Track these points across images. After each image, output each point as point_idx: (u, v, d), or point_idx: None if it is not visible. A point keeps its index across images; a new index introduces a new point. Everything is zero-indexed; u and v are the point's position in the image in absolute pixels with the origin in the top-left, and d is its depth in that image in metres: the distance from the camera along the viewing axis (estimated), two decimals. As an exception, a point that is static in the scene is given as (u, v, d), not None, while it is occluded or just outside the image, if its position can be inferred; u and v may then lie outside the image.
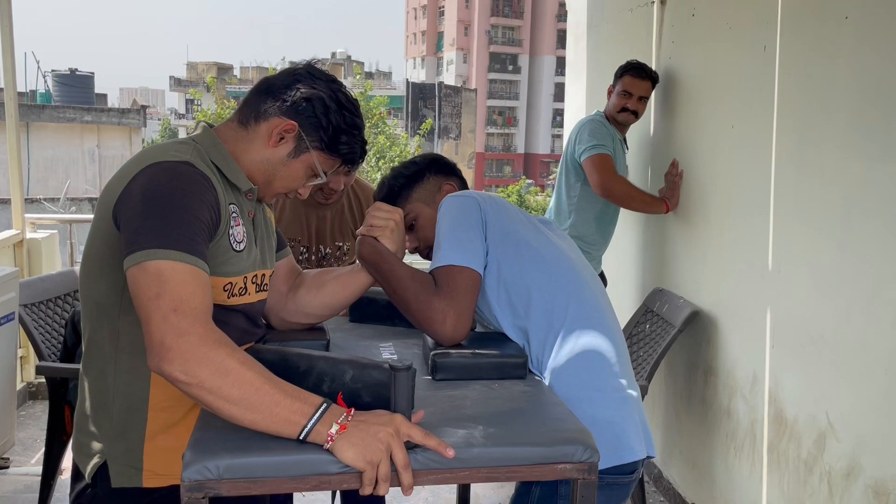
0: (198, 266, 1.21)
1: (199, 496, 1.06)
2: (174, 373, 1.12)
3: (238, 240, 1.38)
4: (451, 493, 3.08)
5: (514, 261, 1.53)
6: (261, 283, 1.48)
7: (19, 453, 3.44)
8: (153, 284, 1.16)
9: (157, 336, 1.13)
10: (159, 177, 1.26)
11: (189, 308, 1.15)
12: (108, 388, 1.36)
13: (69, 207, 14.40)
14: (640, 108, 3.24)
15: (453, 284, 1.47)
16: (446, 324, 1.45)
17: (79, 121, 18.99)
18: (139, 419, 1.35)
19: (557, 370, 1.47)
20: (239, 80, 41.20)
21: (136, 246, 1.19)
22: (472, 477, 1.15)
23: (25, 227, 4.18)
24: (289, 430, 1.11)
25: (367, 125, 1.57)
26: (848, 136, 2.08)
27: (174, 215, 1.22)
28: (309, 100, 1.38)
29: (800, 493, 2.28)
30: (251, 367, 1.14)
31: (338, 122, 1.39)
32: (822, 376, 2.19)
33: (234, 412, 1.12)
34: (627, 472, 1.46)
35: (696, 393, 3.00)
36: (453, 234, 1.52)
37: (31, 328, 2.87)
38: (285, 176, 1.43)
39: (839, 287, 2.11)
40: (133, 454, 1.35)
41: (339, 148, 1.41)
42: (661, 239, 3.35)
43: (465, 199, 1.58)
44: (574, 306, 1.52)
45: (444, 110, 33.17)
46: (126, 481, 1.35)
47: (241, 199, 1.42)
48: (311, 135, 1.39)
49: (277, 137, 1.39)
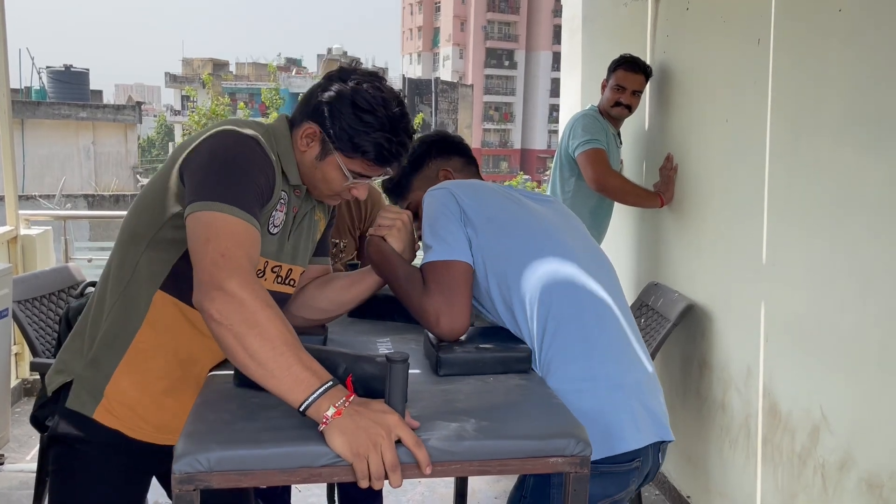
0: (249, 222, 1.27)
1: (191, 488, 1.06)
2: (211, 310, 1.17)
3: (276, 224, 1.45)
4: (447, 487, 3.09)
5: (497, 252, 1.50)
6: (285, 276, 1.52)
7: (14, 450, 3.43)
8: (205, 231, 1.24)
9: (204, 276, 1.20)
10: (227, 141, 1.35)
11: (234, 256, 1.22)
12: (104, 312, 1.44)
13: (65, 204, 14.37)
14: (634, 103, 3.23)
15: (441, 280, 1.46)
16: (440, 323, 1.44)
17: (74, 117, 18.95)
18: (117, 352, 1.42)
19: (546, 363, 1.45)
20: (235, 76, 41.09)
21: (196, 197, 1.28)
22: (464, 470, 1.15)
23: (19, 223, 4.17)
24: (292, 398, 1.13)
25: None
26: (841, 129, 2.09)
27: (234, 175, 1.31)
28: (329, 103, 1.42)
29: (794, 486, 2.29)
30: (278, 325, 1.17)
31: (352, 122, 1.40)
32: (816, 369, 2.20)
33: (248, 363, 1.15)
34: (624, 461, 1.43)
35: (691, 386, 3.01)
36: (434, 230, 1.50)
37: (26, 325, 2.86)
38: (321, 179, 1.46)
39: (832, 280, 2.12)
40: (97, 383, 1.42)
41: (358, 147, 1.42)
42: (656, 233, 3.36)
43: (441, 192, 1.56)
44: (559, 294, 1.47)
45: (440, 106, 33.12)
46: (79, 406, 1.42)
47: (291, 192, 1.47)
48: (331, 136, 1.42)
49: (306, 142, 1.44)
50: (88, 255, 5.60)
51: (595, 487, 1.39)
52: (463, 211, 1.52)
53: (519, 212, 1.57)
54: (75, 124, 18.98)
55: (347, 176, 1.44)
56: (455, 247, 1.48)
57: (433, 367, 1.44)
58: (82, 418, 1.42)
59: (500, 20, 58.37)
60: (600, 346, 1.47)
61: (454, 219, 1.51)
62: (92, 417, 1.42)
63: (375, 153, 1.42)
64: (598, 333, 1.48)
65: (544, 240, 1.54)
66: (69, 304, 2.83)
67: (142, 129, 21.89)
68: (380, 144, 1.41)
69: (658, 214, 3.29)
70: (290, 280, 1.53)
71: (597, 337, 1.48)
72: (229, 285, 1.18)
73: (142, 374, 1.43)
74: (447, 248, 1.48)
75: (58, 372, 1.47)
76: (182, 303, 1.40)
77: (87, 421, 1.42)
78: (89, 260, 5.19)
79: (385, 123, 1.41)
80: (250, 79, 40.17)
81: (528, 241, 1.53)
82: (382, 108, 1.41)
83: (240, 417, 1.18)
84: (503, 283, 1.50)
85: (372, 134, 1.41)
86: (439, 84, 34.07)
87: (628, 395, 1.46)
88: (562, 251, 1.53)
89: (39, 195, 14.44)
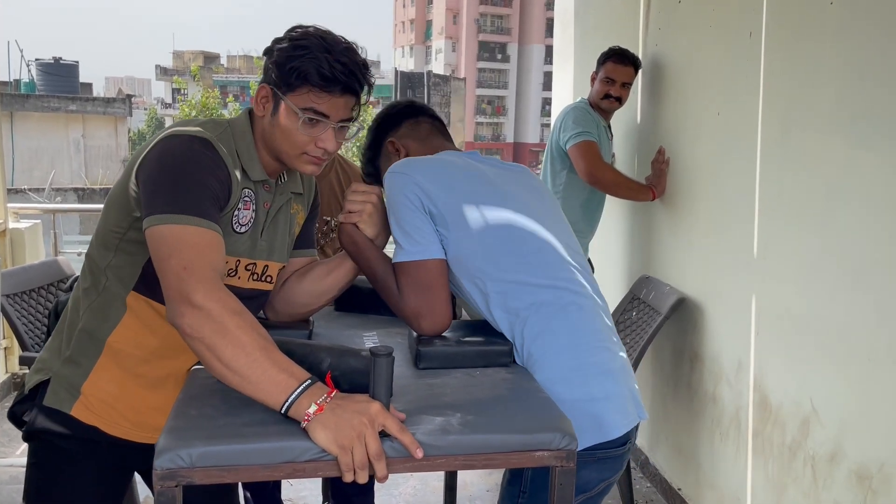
0: (207, 227, 1.27)
1: (172, 485, 1.05)
2: (183, 325, 1.18)
3: (241, 223, 1.42)
4: (439, 480, 3.08)
5: (470, 249, 1.44)
6: (261, 273, 1.49)
7: (4, 444, 3.42)
8: (164, 246, 1.24)
9: (171, 293, 1.21)
10: (174, 148, 1.33)
11: (196, 267, 1.21)
12: (79, 312, 1.44)
13: (54, 198, 14.29)
14: (624, 95, 3.22)
15: (416, 282, 1.42)
16: (421, 320, 1.43)
17: (63, 110, 18.84)
18: (94, 351, 1.42)
19: (530, 356, 1.43)
20: (226, 68, 40.92)
21: (151, 210, 1.27)
22: (449, 464, 1.14)
23: (8, 216, 4.14)
24: (272, 401, 1.13)
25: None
26: (832, 122, 2.08)
27: (184, 182, 1.29)
28: (268, 53, 1.39)
29: (784, 478, 2.29)
30: (248, 332, 1.17)
31: (283, 55, 1.35)
32: (806, 362, 2.20)
33: (225, 373, 1.15)
34: (619, 445, 1.43)
35: (682, 379, 3.01)
36: (401, 225, 1.44)
37: (14, 319, 2.84)
38: (280, 137, 1.39)
39: (823, 273, 2.11)
40: (75, 381, 1.42)
41: (298, 74, 1.33)
42: (648, 226, 3.35)
43: (400, 177, 1.46)
44: (537, 285, 1.44)
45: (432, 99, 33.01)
46: (57, 403, 1.42)
47: (259, 188, 1.45)
48: (274, 82, 1.37)
49: (261, 105, 1.41)
50: (78, 249, 5.55)
51: (593, 473, 1.41)
52: (430, 201, 1.44)
53: (488, 196, 1.49)
54: (65, 117, 18.86)
55: (298, 114, 1.35)
56: (424, 244, 1.43)
57: (413, 359, 1.44)
58: (60, 414, 1.42)
59: (493, 13, 58.24)
60: (587, 334, 1.45)
61: (417, 211, 1.43)
62: (70, 414, 1.41)
63: (317, 74, 1.33)
64: (582, 322, 1.46)
65: (517, 227, 1.48)
66: (58, 297, 2.81)
67: (132, 122, 21.78)
68: (318, 63, 1.32)
69: (650, 208, 3.28)
70: (266, 276, 1.51)
71: (581, 326, 1.45)
72: (195, 298, 1.18)
73: (120, 371, 1.42)
74: (417, 246, 1.43)
75: (36, 371, 1.47)
76: (155, 302, 1.39)
77: (65, 417, 1.42)
78: (79, 253, 5.15)
79: (322, 46, 1.34)
80: (241, 72, 40.02)
81: (500, 230, 1.46)
82: (320, 38, 1.36)
83: (223, 413, 1.16)
84: (478, 278, 1.45)
85: (308, 56, 1.33)
86: (432, 77, 33.97)
87: (617, 381, 1.45)
88: (536, 238, 1.48)
89: (29, 188, 14.36)
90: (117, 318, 1.41)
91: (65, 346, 1.45)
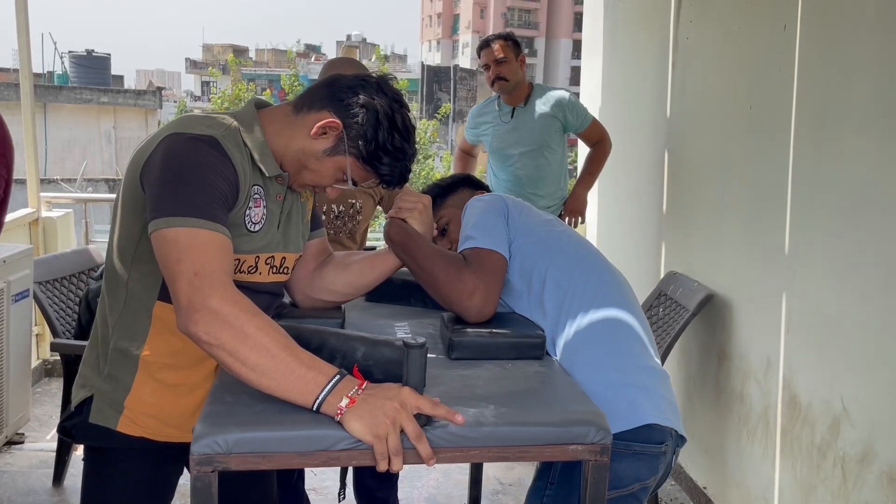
0: (215, 230, 1.24)
1: (209, 470, 1.06)
2: (199, 333, 1.16)
3: (254, 220, 1.40)
4: (462, 474, 3.09)
5: (535, 249, 1.58)
6: (279, 265, 1.49)
7: (35, 429, 3.48)
8: (173, 251, 1.21)
9: (183, 299, 1.18)
10: (179, 147, 1.30)
11: (208, 272, 1.19)
12: (109, 329, 1.43)
13: (86, 188, 14.49)
14: (504, 70, 3.45)
15: (483, 264, 1.51)
16: (475, 297, 1.48)
17: (95, 102, 19.04)
18: (130, 366, 1.41)
19: (570, 347, 1.47)
20: (254, 62, 41.16)
21: (156, 213, 1.24)
22: (483, 456, 1.14)
23: (41, 205, 4.20)
24: (302, 400, 1.13)
25: None
26: (868, 117, 2.05)
27: (191, 183, 1.26)
28: (364, 107, 1.38)
29: (813, 479, 2.27)
30: (269, 332, 1.16)
31: (384, 140, 1.38)
32: (837, 361, 2.17)
33: (251, 376, 1.14)
34: (655, 442, 1.44)
35: (710, 377, 2.98)
36: (481, 223, 1.57)
37: (46, 305, 2.89)
38: (315, 170, 1.42)
39: (855, 271, 2.08)
40: (117, 397, 1.42)
41: (379, 166, 1.40)
42: (676, 222, 3.32)
43: (492, 196, 1.67)
44: (593, 287, 1.54)
45: (459, 94, 32.96)
46: (102, 419, 1.42)
47: (270, 181, 1.43)
48: (352, 140, 1.38)
49: (320, 131, 1.38)
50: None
51: (628, 468, 1.41)
52: (509, 213, 1.61)
53: (556, 227, 1.68)
54: (97, 109, 19.07)
55: (348, 180, 1.41)
56: (497, 240, 1.55)
57: (446, 349, 1.44)
58: (106, 431, 1.42)
59: (521, 7, 57.95)
60: (629, 335, 1.53)
61: (500, 217, 1.59)
62: (116, 430, 1.42)
63: (391, 177, 1.42)
64: (627, 324, 1.54)
65: (578, 243, 1.65)
66: (89, 285, 2.86)
67: (162, 114, 21.98)
68: (401, 172, 1.42)
69: (679, 203, 3.25)
70: (284, 269, 1.51)
71: (626, 327, 1.53)
72: (212, 303, 1.16)
73: (158, 384, 1.41)
74: (490, 239, 1.54)
75: (80, 386, 1.47)
76: None
77: (111, 433, 1.42)
78: (109, 243, 5.22)
79: (411, 155, 1.42)
80: (269, 65, 40.22)
81: (566, 243, 1.62)
82: (413, 139, 1.43)
83: (258, 399, 1.17)
84: (537, 275, 1.56)
85: (399, 160, 1.40)
86: (458, 71, 33.90)
87: (655, 378, 1.50)
88: (593, 253, 1.65)
89: (61, 179, 14.56)
90: (145, 332, 1.40)
91: (102, 363, 1.44)
